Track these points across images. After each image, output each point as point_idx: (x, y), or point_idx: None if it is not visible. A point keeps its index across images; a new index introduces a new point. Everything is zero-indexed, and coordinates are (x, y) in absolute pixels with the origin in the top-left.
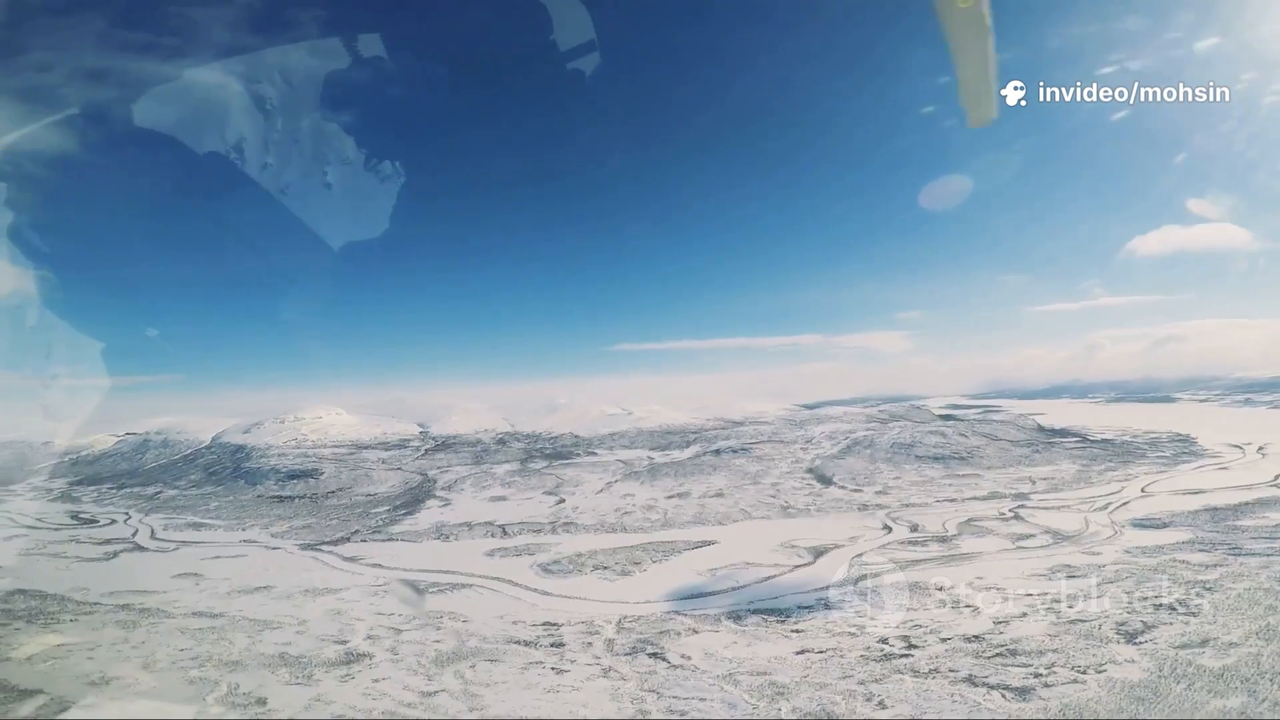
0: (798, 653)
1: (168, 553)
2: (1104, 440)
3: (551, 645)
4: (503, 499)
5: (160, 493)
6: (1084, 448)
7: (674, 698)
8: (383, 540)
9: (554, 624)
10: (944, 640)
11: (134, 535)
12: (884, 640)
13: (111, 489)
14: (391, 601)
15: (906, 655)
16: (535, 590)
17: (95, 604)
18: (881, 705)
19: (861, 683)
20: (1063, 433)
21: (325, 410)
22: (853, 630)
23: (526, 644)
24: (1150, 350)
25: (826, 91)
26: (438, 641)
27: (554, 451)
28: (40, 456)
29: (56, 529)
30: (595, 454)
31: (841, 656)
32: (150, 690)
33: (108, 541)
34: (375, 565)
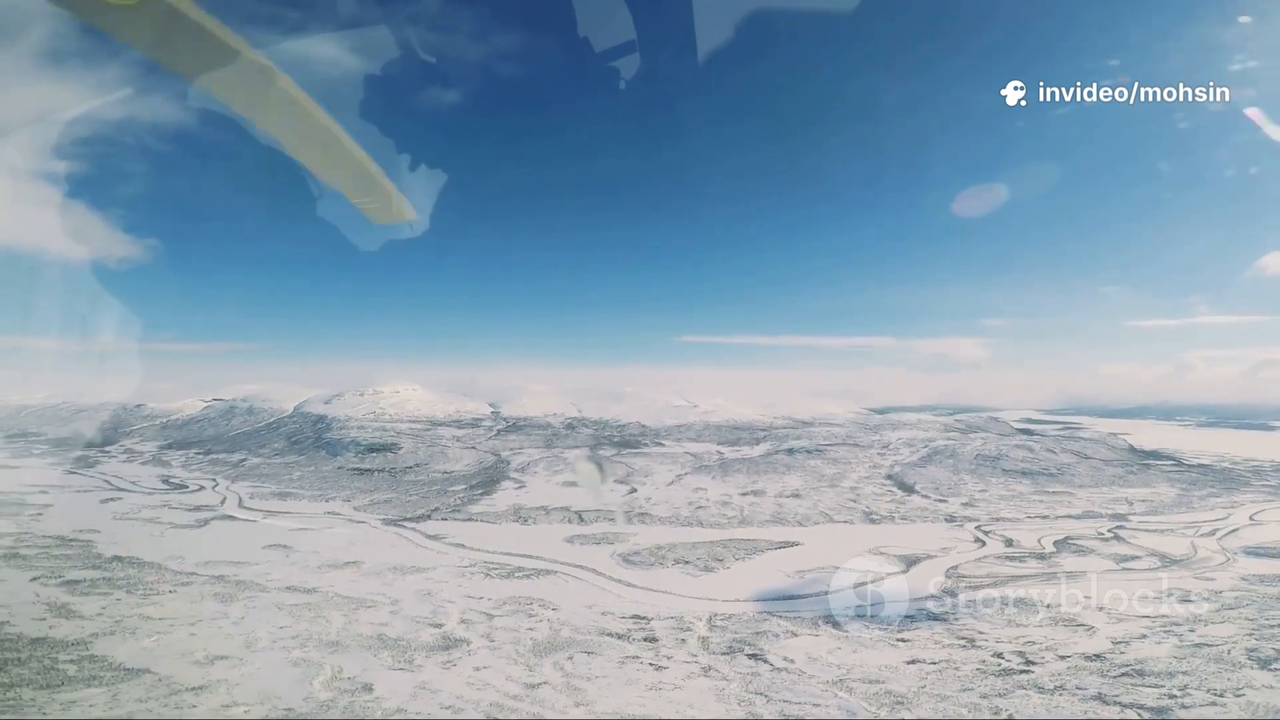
0: (908, 662)
1: (255, 522)
2: (1201, 465)
3: (645, 640)
4: (575, 485)
5: (245, 460)
6: (1181, 471)
7: (784, 701)
8: (463, 520)
9: (643, 617)
10: (1063, 658)
11: (222, 503)
12: (999, 655)
13: (199, 454)
14: (480, 584)
15: (1026, 671)
16: (619, 581)
17: (191, 574)
18: None
19: (985, 696)
20: (1155, 455)
21: (402, 385)
22: (962, 643)
23: (619, 637)
24: (1248, 374)
25: (917, 83)
26: (531, 630)
27: (622, 440)
28: (133, 419)
29: (149, 493)
30: (662, 445)
31: (956, 669)
32: (255, 672)
33: (198, 508)
34: (458, 545)
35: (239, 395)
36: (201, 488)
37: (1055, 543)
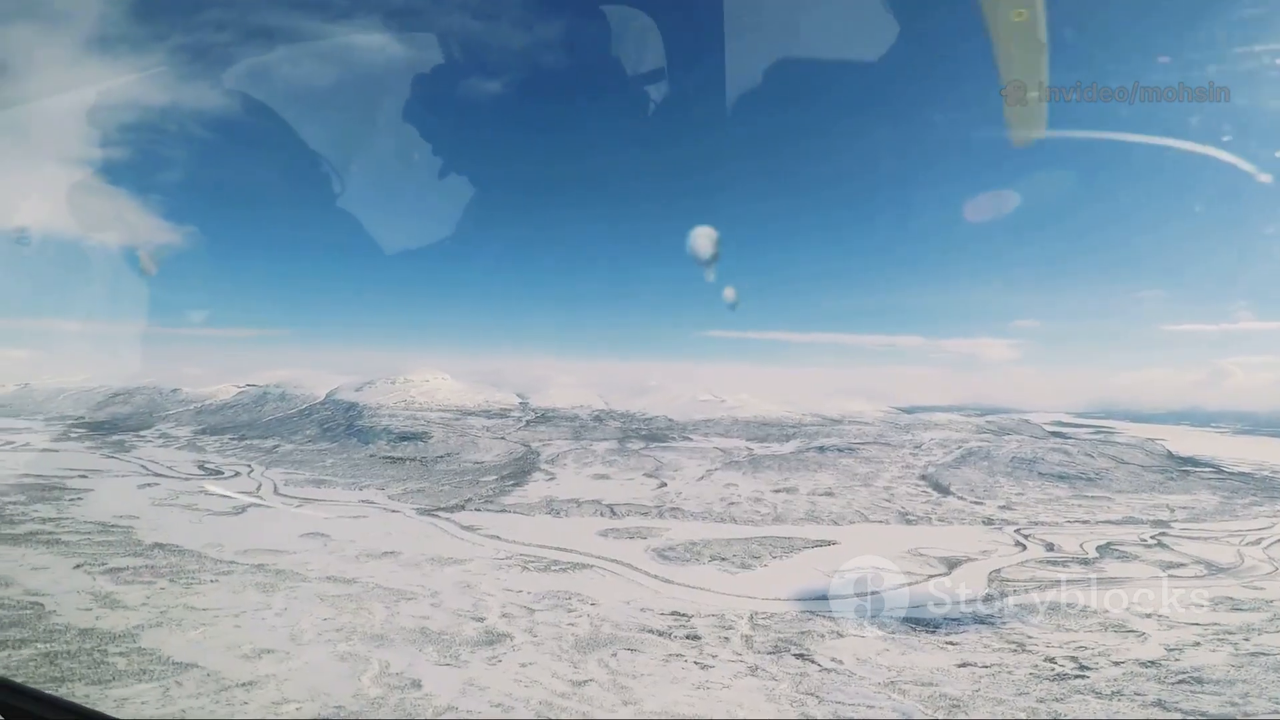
0: (959, 665)
1: (291, 510)
2: (1242, 473)
3: (687, 638)
4: (605, 477)
5: (278, 446)
6: (1222, 479)
7: (837, 703)
8: (496, 511)
9: (683, 614)
10: (1117, 664)
11: (258, 489)
12: (1050, 659)
13: (233, 440)
14: (518, 577)
15: (1081, 676)
16: (655, 576)
17: (231, 563)
18: None
19: (1041, 700)
20: (1194, 461)
21: (432, 374)
22: (1013, 647)
23: (660, 634)
24: None
25: (951, 81)
26: (572, 625)
27: (650, 433)
28: (169, 403)
29: (186, 479)
30: (690, 439)
31: (1010, 673)
32: (303, 667)
33: (234, 494)
34: (494, 537)
35: (272, 381)
36: (237, 474)
37: (1098, 548)
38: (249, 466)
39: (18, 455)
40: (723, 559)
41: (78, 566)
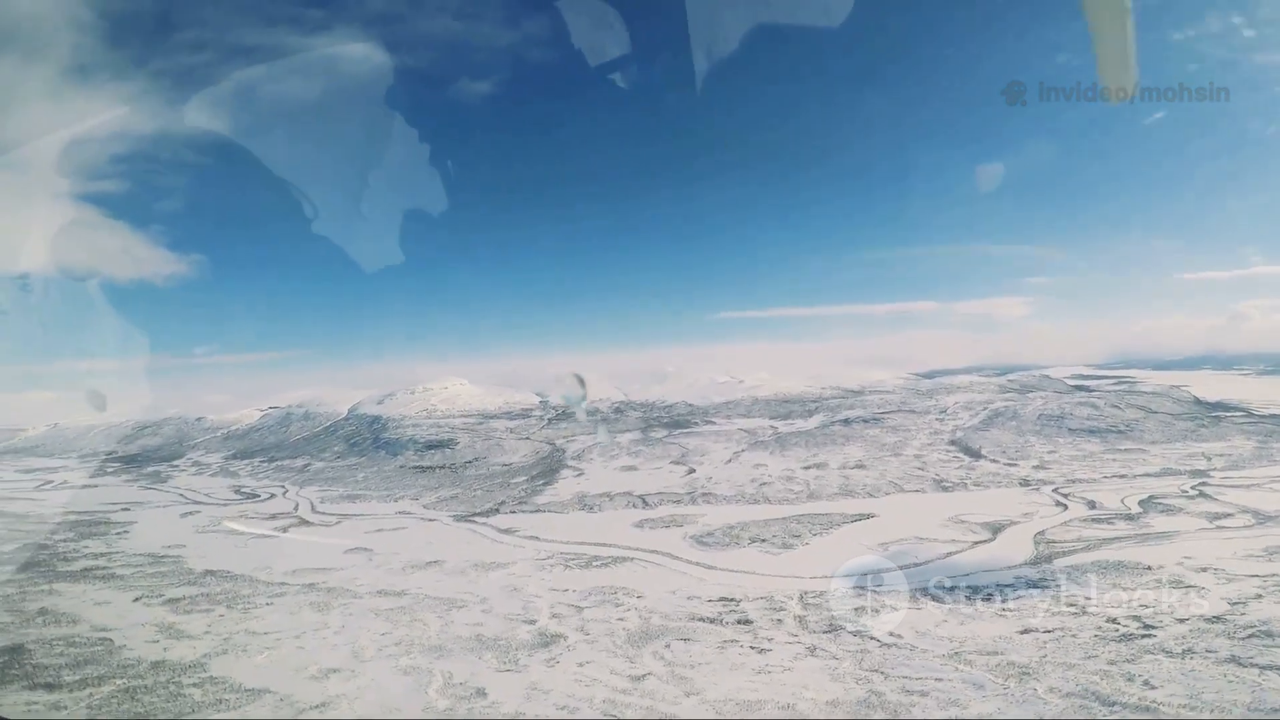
0: (1021, 632)
1: (331, 526)
2: (1273, 415)
3: (738, 623)
4: (633, 469)
5: (309, 465)
6: (1254, 423)
7: (904, 677)
8: (530, 512)
9: (731, 599)
10: (1181, 621)
11: (295, 509)
12: (1113, 620)
13: (264, 462)
14: (561, 576)
15: (1147, 635)
16: (697, 564)
17: (282, 584)
18: (1149, 685)
19: (1113, 663)
20: (1222, 406)
21: (450, 381)
22: (1072, 610)
23: (711, 621)
24: None
25: (944, 44)
26: (621, 620)
27: (671, 420)
28: (195, 432)
29: (224, 504)
30: (713, 423)
31: (1074, 636)
32: (369, 684)
33: (274, 516)
34: (532, 538)
35: (293, 401)
36: (272, 495)
37: (1140, 503)
38: (283, 487)
39: (59, 493)
40: (763, 540)
41: (137, 599)
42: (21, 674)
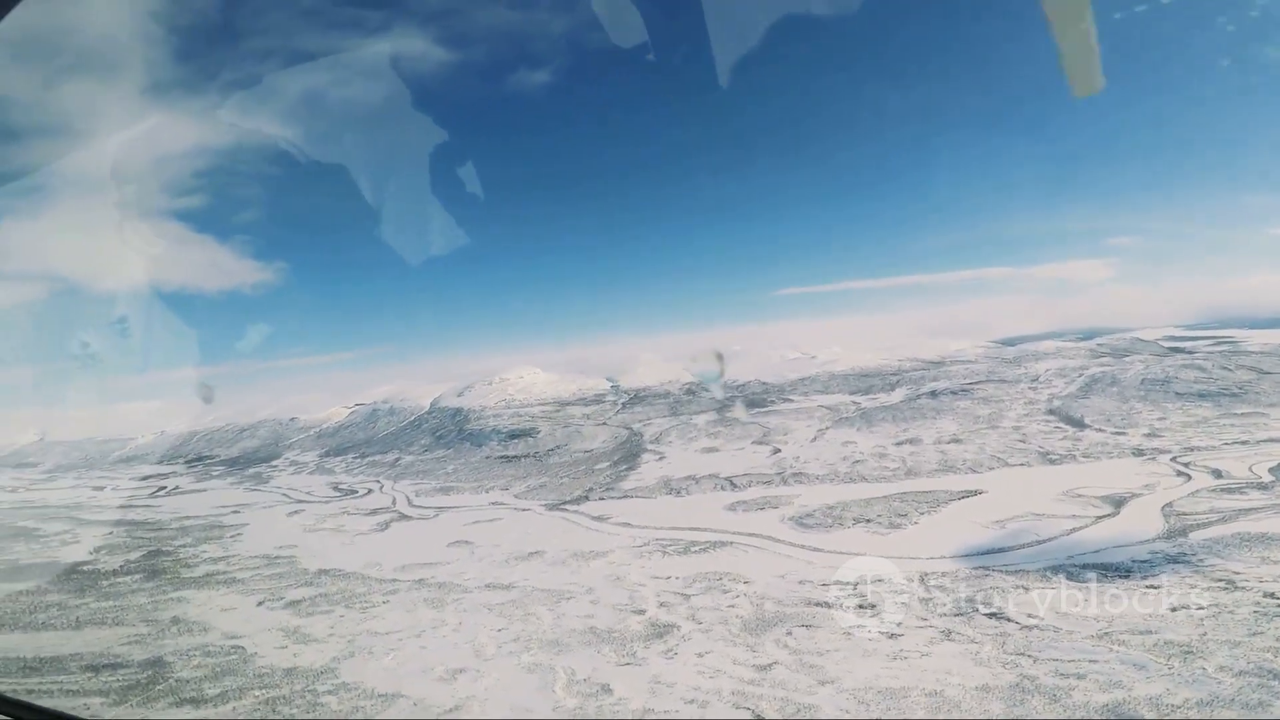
0: (1172, 610)
1: (430, 520)
2: None
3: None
4: (715, 450)
5: (399, 459)
6: None
7: (1054, 660)
8: (618, 498)
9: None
10: None
11: (393, 504)
12: (1271, 595)
13: (356, 458)
14: (661, 563)
15: None
16: (801, 546)
17: (394, 580)
18: None
19: None
20: None
21: (524, 370)
22: (1222, 585)
23: (829, 606)
24: None
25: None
26: (732, 606)
27: (746, 400)
28: (290, 432)
29: (325, 501)
30: (790, 400)
31: (1231, 613)
32: (496, 684)
33: (374, 512)
34: (625, 524)
35: (378, 398)
36: (369, 491)
37: (1271, 470)
38: (378, 482)
39: (173, 499)
40: (867, 520)
41: (260, 604)
42: (166, 689)
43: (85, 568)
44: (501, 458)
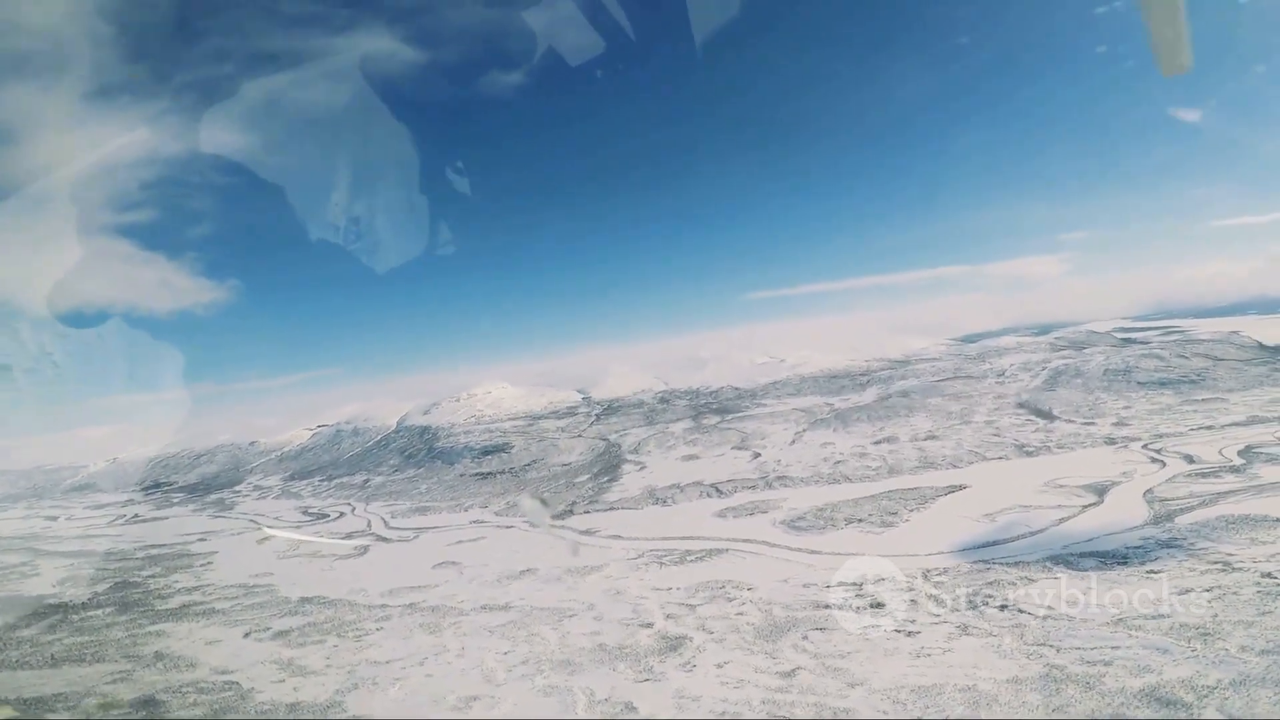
0: (1179, 593)
1: (410, 541)
2: None
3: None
4: (695, 457)
5: (369, 480)
6: None
7: (1077, 649)
8: (604, 510)
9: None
10: None
11: (369, 527)
12: (1269, 574)
13: (323, 481)
14: (659, 574)
15: None
16: (798, 549)
17: (383, 606)
18: None
19: None
20: None
21: (492, 385)
22: (1219, 567)
23: (838, 608)
24: None
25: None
26: (740, 614)
27: (720, 406)
28: (250, 456)
29: (296, 526)
30: (764, 404)
31: (1236, 594)
32: (515, 709)
33: (350, 535)
34: (615, 537)
35: (340, 419)
36: (341, 514)
37: (1239, 453)
38: (349, 505)
39: (134, 527)
40: (859, 520)
41: (247, 635)
42: None
43: (51, 601)
44: (476, 475)
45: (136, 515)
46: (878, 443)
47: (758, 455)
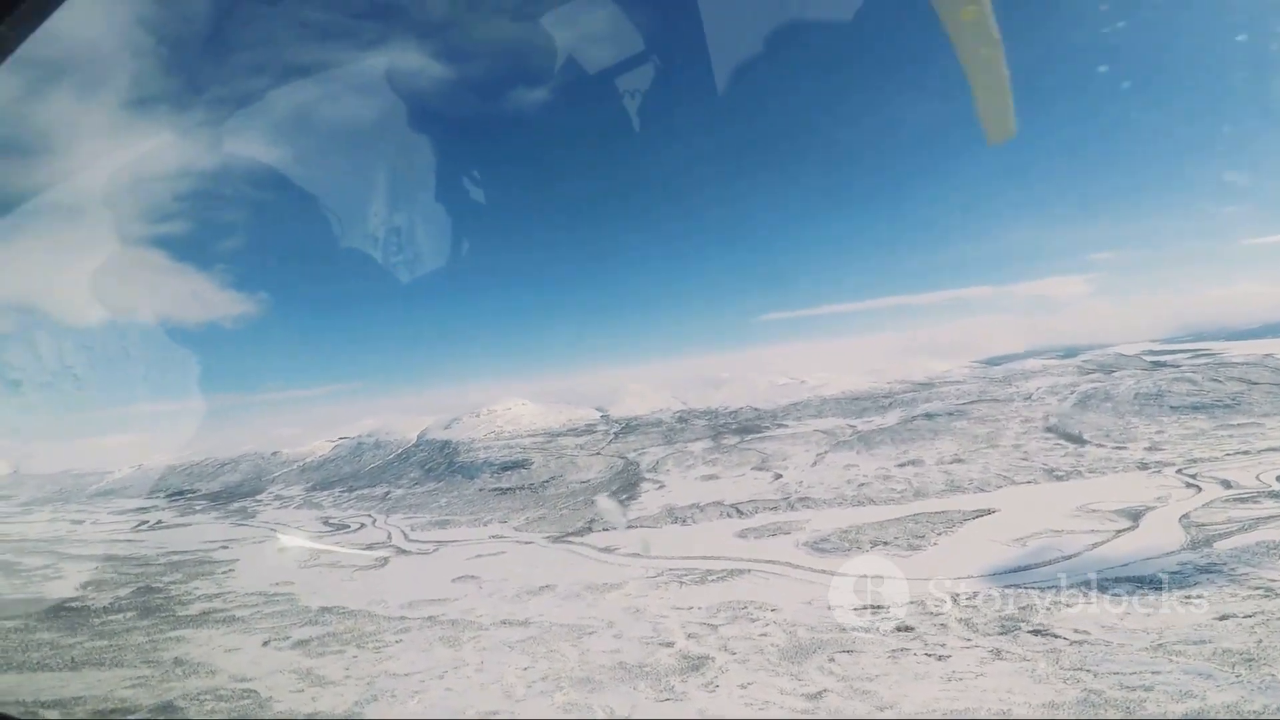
0: (1219, 619)
1: (429, 554)
2: None
3: (898, 630)
4: (715, 477)
5: (389, 493)
6: None
7: (1115, 674)
8: (623, 528)
9: (877, 606)
10: None
11: (389, 539)
12: None
13: (344, 492)
14: (680, 593)
15: None
16: (822, 571)
17: (402, 618)
18: None
19: None
20: None
21: (512, 402)
22: (1261, 592)
23: (866, 630)
24: None
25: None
26: (764, 635)
27: (740, 426)
28: (272, 466)
29: (317, 536)
30: (785, 425)
31: None
32: None
33: (370, 547)
34: (634, 555)
35: (362, 431)
36: (362, 525)
37: (1278, 479)
38: (370, 517)
39: (157, 534)
40: (885, 543)
41: (266, 643)
42: None
43: (73, 604)
44: (495, 490)
45: (160, 521)
46: (902, 465)
47: (779, 476)
